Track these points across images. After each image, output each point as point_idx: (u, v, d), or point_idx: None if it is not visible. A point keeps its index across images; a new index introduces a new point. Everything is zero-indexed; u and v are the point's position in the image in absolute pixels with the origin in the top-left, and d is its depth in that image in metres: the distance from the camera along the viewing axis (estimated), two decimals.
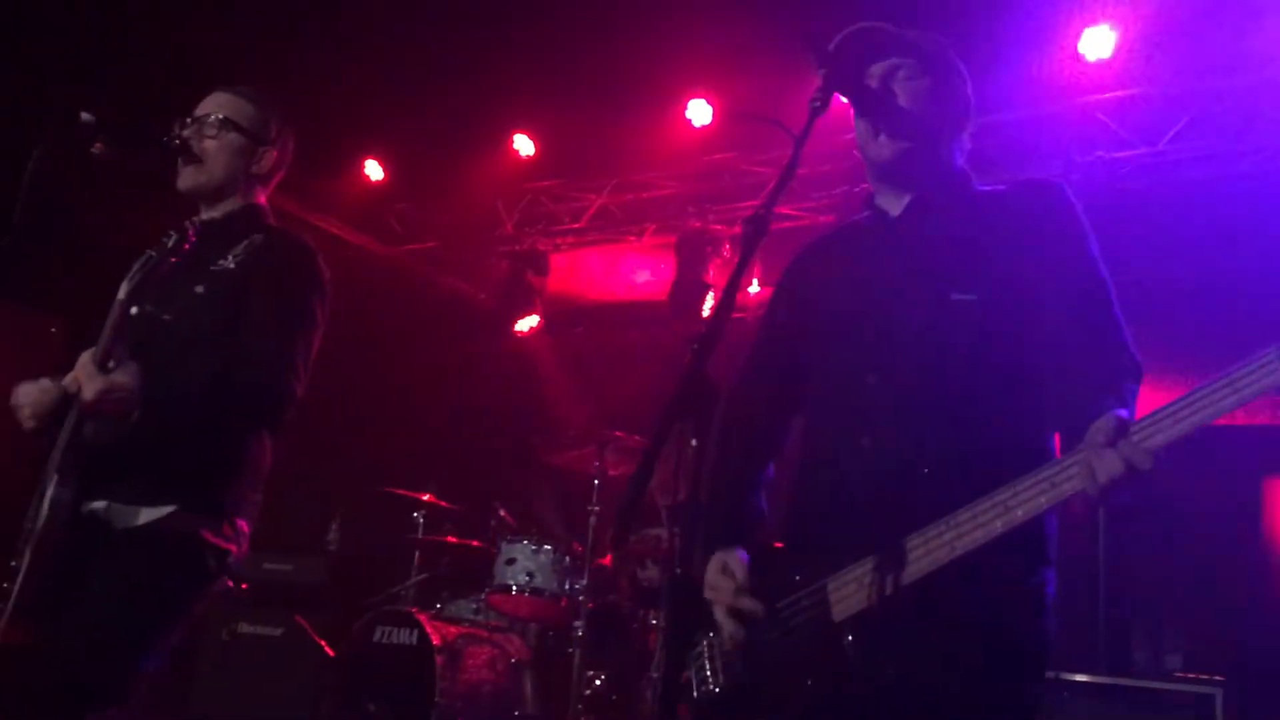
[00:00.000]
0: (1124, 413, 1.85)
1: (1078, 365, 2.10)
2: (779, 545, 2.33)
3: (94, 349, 2.61)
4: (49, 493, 2.67)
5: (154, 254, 2.85)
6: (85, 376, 2.58)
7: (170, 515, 2.72)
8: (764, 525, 2.40)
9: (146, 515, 2.72)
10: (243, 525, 2.88)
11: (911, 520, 2.01)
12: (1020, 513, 1.90)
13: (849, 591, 2.05)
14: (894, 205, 2.38)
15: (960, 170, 2.38)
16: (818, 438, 2.34)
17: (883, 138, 2.28)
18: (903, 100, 2.27)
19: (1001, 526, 1.91)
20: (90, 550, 2.69)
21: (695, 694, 2.27)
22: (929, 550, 1.97)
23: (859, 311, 2.30)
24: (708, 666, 2.27)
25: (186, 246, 2.80)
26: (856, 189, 6.75)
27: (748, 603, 2.16)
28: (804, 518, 2.30)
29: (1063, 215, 2.24)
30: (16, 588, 2.64)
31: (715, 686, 2.23)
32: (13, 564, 2.71)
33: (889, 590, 1.99)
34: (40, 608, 2.65)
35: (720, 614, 2.20)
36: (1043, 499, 1.89)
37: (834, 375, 2.31)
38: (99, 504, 2.72)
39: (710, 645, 2.28)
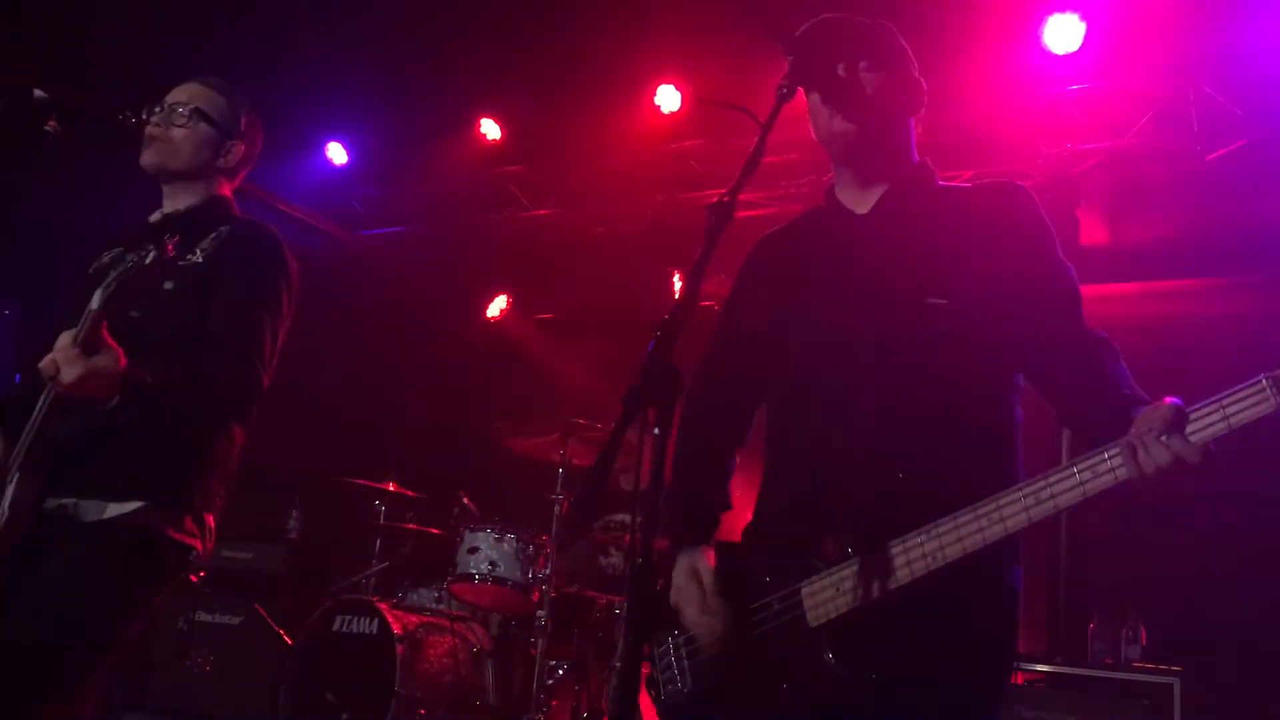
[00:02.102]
0: (1176, 401, 1.86)
1: (1071, 362, 2.15)
2: (740, 541, 2.32)
3: (74, 330, 2.48)
4: (10, 491, 2.60)
5: (131, 264, 2.74)
6: (65, 360, 2.46)
7: (136, 510, 2.67)
8: (729, 513, 2.38)
9: (113, 510, 2.66)
10: (209, 520, 2.84)
11: (885, 524, 2.02)
12: (1026, 516, 1.92)
13: (825, 597, 2.05)
14: (859, 201, 2.38)
15: (920, 164, 2.41)
16: (786, 436, 2.34)
17: (848, 123, 2.29)
18: (869, 90, 2.29)
19: (1000, 533, 1.93)
20: (51, 542, 2.63)
21: (662, 695, 2.25)
22: (909, 560, 1.98)
23: (829, 310, 2.30)
24: (675, 666, 2.25)
25: (170, 255, 2.72)
26: (823, 179, 6.74)
27: (715, 609, 2.15)
28: (773, 516, 2.29)
29: (1030, 219, 2.28)
30: None
31: (684, 687, 2.22)
32: None
33: (868, 597, 1.99)
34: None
35: (690, 618, 2.19)
36: (1075, 493, 1.89)
37: (803, 373, 2.31)
38: (66, 500, 2.66)
39: (676, 645, 2.27)
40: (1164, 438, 1.81)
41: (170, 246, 2.69)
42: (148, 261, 2.80)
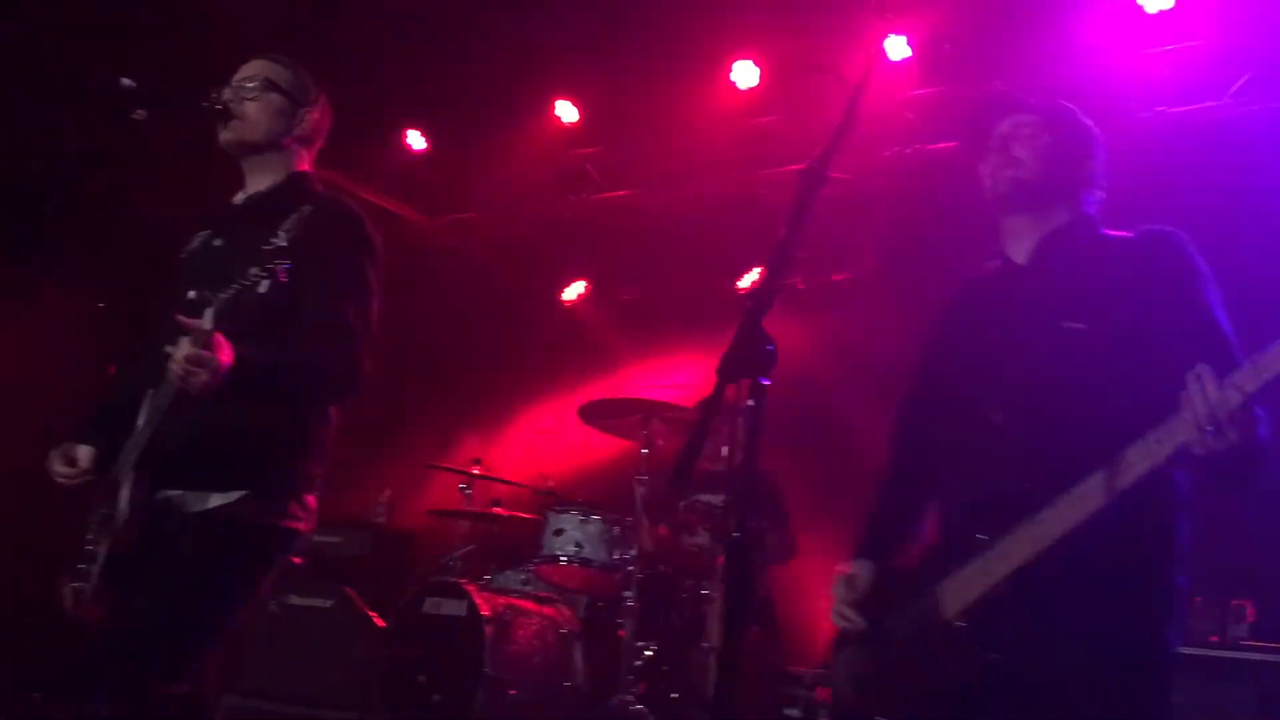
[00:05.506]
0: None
1: None
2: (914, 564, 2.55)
3: (193, 337, 2.56)
4: (127, 490, 2.72)
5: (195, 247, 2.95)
6: (197, 362, 2.54)
7: (240, 500, 2.76)
8: (910, 545, 2.62)
9: (217, 500, 2.76)
10: (310, 501, 2.93)
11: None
12: (1104, 492, 2.07)
13: (958, 588, 2.24)
14: (1019, 251, 2.55)
15: (1086, 216, 2.55)
16: (947, 486, 2.54)
17: (998, 177, 2.51)
18: (1018, 151, 2.49)
19: (1083, 511, 2.08)
20: (160, 532, 2.74)
21: (835, 694, 2.55)
22: (1024, 539, 2.14)
23: (985, 356, 2.50)
24: (843, 668, 2.54)
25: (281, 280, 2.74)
26: (907, 150, 6.62)
27: (849, 618, 2.45)
28: (938, 549, 2.49)
29: (1177, 262, 2.39)
30: (98, 571, 2.75)
31: (850, 687, 2.48)
32: (89, 547, 2.80)
33: (995, 579, 2.16)
34: (115, 589, 2.76)
35: (835, 615, 2.50)
36: (1143, 465, 2.04)
37: (964, 421, 2.49)
38: (173, 492, 2.77)
39: (843, 647, 2.55)
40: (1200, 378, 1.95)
41: (282, 273, 2.69)
42: (232, 246, 2.91)
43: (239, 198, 3.13)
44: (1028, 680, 2.15)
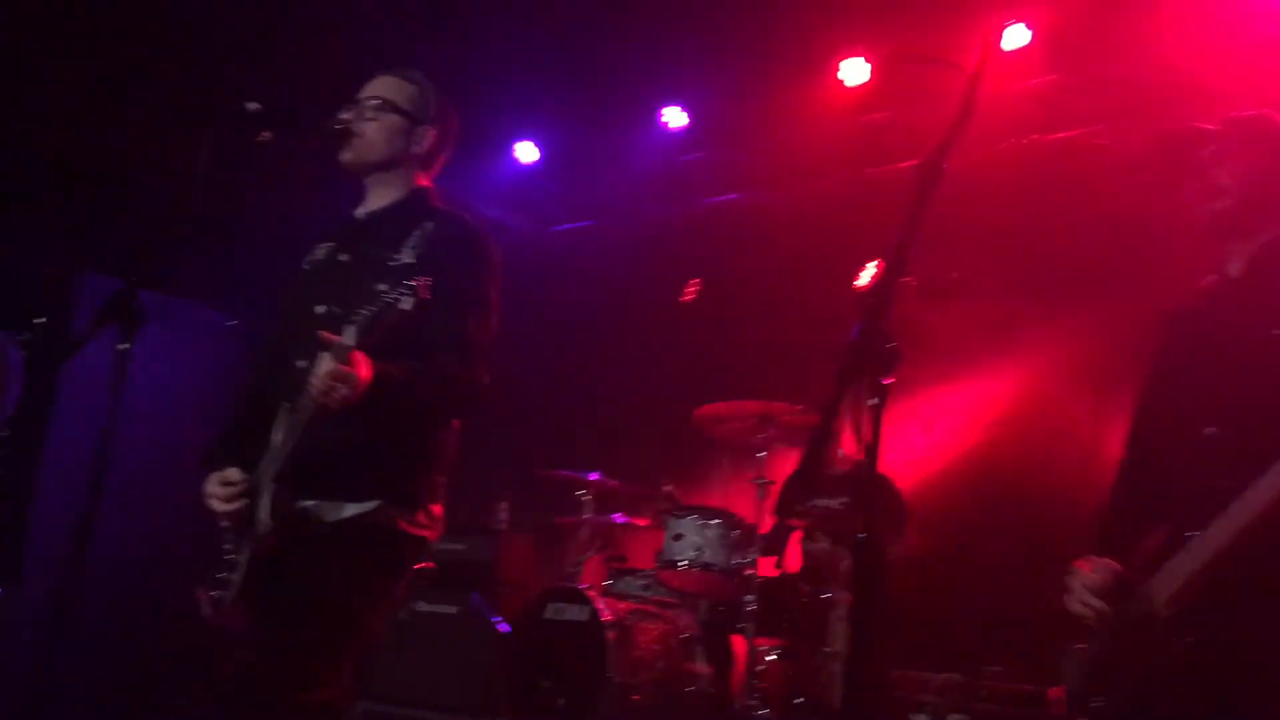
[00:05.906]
0: None
1: None
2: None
3: (333, 353, 2.63)
4: (268, 500, 2.82)
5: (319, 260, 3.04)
6: (338, 378, 2.61)
7: (373, 509, 2.85)
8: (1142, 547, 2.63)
9: (353, 509, 2.86)
10: (436, 511, 3.01)
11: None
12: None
13: (1166, 579, 2.35)
14: (1233, 267, 2.61)
15: None
16: (1170, 491, 2.58)
17: (1204, 208, 2.57)
18: (1222, 179, 2.55)
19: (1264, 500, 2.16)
20: (298, 541, 2.84)
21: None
22: (1218, 530, 2.24)
23: (1198, 367, 2.56)
24: (1075, 665, 2.62)
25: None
26: (1024, 141, 6.45)
27: (1090, 603, 2.50)
28: (1161, 549, 2.51)
29: None
30: (240, 580, 2.85)
31: (1080, 684, 2.58)
32: (228, 556, 2.90)
33: (1193, 569, 2.27)
34: (256, 597, 2.86)
35: (1072, 602, 2.56)
36: None
37: (1179, 430, 2.55)
38: (309, 503, 2.87)
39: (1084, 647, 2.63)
40: None
41: (425, 290, 2.70)
42: (357, 262, 2.97)
43: (360, 212, 3.20)
44: (1215, 668, 2.23)
